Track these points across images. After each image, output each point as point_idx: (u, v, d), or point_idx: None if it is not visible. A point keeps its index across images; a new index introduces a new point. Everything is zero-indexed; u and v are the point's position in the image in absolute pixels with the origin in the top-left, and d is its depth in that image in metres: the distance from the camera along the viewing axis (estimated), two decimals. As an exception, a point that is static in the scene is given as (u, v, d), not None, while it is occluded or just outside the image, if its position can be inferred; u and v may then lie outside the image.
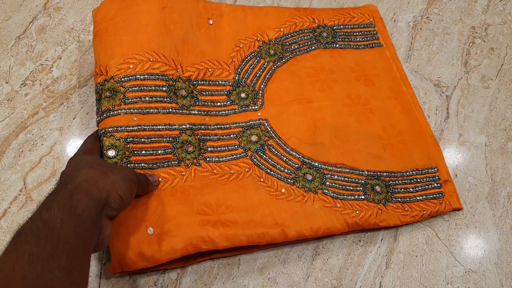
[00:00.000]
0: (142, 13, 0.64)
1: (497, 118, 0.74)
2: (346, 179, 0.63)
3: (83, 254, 0.41)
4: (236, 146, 0.63)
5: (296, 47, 0.74)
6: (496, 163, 0.70)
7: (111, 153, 0.56)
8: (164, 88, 0.61)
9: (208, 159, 0.61)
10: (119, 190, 0.46)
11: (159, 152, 0.59)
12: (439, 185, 0.65)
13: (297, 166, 0.63)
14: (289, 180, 0.62)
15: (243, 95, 0.67)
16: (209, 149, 0.62)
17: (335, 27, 0.77)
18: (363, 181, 0.63)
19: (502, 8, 0.86)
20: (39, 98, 0.70)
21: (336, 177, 0.63)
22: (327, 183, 0.62)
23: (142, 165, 0.58)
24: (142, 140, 0.58)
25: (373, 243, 0.63)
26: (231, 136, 0.64)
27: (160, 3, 0.66)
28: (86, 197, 0.43)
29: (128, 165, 0.57)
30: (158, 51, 0.63)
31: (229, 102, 0.66)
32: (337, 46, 0.75)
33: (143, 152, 0.58)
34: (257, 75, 0.69)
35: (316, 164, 0.64)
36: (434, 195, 0.64)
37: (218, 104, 0.66)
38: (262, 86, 0.69)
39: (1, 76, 0.71)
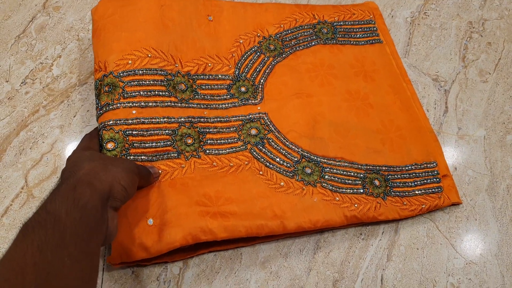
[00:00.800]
0: (140, 11, 0.65)
1: (495, 112, 0.74)
2: (345, 172, 0.63)
3: (91, 244, 0.41)
4: (235, 139, 0.63)
5: (296, 42, 0.74)
6: (495, 156, 0.70)
7: (110, 145, 0.57)
8: (163, 83, 0.62)
9: (207, 151, 0.61)
10: (121, 181, 0.47)
11: (159, 144, 0.59)
12: (438, 179, 0.65)
13: (296, 159, 0.63)
14: (288, 173, 0.62)
15: (243, 89, 0.68)
16: (208, 141, 0.62)
17: (335, 23, 0.78)
18: (362, 175, 0.64)
19: (499, 3, 0.86)
20: (40, 97, 0.70)
21: (335, 170, 0.63)
22: (326, 176, 0.63)
23: (142, 157, 0.58)
24: (141, 132, 0.59)
25: (374, 236, 0.63)
26: (231, 129, 0.64)
27: (157, 1, 0.67)
28: (88, 189, 0.43)
29: (128, 158, 0.57)
30: (157, 47, 0.64)
31: (229, 96, 0.67)
32: (337, 42, 0.76)
33: (143, 144, 0.59)
34: (257, 69, 0.70)
35: (315, 157, 0.64)
36: (433, 190, 0.65)
37: (218, 97, 0.66)
38: (262, 81, 0.69)
39: (1, 75, 0.71)
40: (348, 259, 0.61)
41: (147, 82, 0.61)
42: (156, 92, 0.61)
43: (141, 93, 0.60)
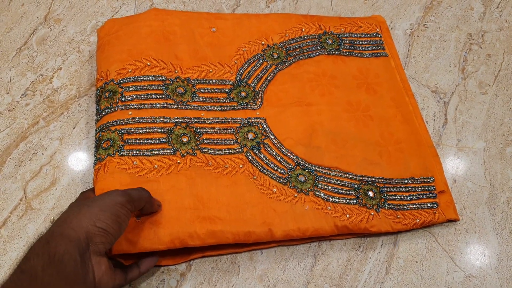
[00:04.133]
0: (143, 27, 0.70)
1: (495, 124, 0.74)
2: (338, 182, 0.63)
3: None
4: (232, 141, 0.64)
5: (300, 51, 0.75)
6: (494, 168, 0.70)
7: (106, 145, 0.59)
8: (160, 87, 0.65)
9: (203, 150, 0.62)
10: (97, 223, 0.44)
11: (154, 141, 0.61)
12: (434, 195, 0.65)
13: (290, 166, 0.63)
14: (281, 180, 0.62)
15: (243, 94, 0.68)
16: (205, 140, 0.63)
17: (341, 35, 0.78)
18: (356, 186, 0.63)
19: (498, 15, 0.87)
20: (40, 108, 0.70)
21: (328, 180, 0.63)
22: (319, 185, 0.63)
23: (135, 152, 0.60)
24: (137, 131, 0.61)
25: (373, 249, 0.63)
26: (228, 130, 0.65)
27: (159, 18, 0.71)
28: (63, 241, 0.41)
29: (122, 153, 0.59)
30: (157, 57, 0.68)
31: (228, 100, 0.68)
32: (342, 53, 0.76)
33: (137, 141, 0.60)
34: (259, 76, 0.71)
35: (310, 166, 0.64)
36: (428, 205, 0.64)
37: (217, 100, 0.67)
38: (262, 87, 0.70)
39: (2, 86, 0.72)
40: (346, 272, 0.61)
41: (145, 87, 0.65)
42: (153, 96, 0.64)
43: (138, 96, 0.64)
